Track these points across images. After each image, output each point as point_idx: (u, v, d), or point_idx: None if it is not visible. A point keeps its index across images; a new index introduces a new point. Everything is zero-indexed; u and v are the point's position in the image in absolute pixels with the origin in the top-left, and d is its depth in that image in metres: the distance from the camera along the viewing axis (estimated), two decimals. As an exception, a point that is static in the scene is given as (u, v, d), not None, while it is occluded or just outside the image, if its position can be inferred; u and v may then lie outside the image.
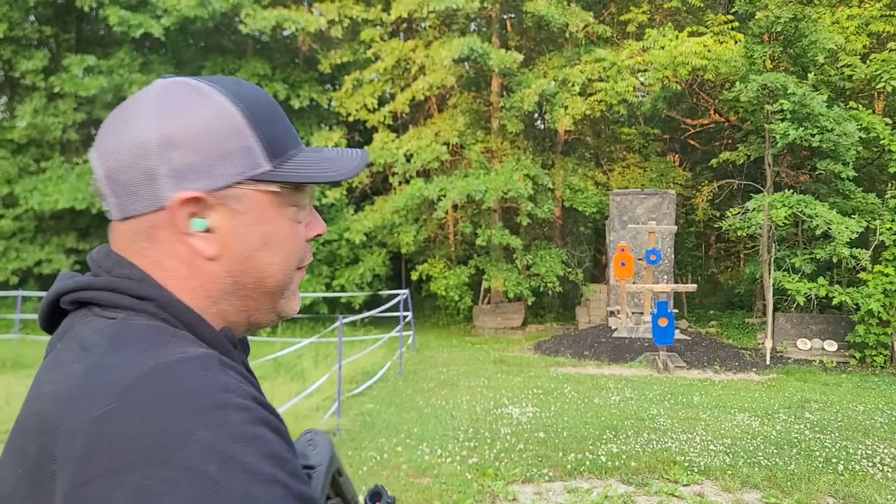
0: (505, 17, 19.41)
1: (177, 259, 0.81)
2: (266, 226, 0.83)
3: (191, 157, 0.79)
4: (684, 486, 5.51)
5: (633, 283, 14.16)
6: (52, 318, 0.84)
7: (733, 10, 15.04)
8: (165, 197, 0.79)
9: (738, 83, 13.84)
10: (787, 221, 12.81)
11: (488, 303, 18.57)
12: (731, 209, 13.97)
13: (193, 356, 0.71)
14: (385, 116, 18.22)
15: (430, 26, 18.76)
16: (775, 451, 6.45)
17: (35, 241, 18.11)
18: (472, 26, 19.65)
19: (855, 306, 12.26)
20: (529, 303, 17.46)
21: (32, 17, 18.67)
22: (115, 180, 0.80)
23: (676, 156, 22.77)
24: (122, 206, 0.81)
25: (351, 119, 18.73)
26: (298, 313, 18.27)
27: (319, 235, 0.92)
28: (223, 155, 0.80)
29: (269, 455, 0.66)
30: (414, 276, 18.19)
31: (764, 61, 13.98)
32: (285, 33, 20.11)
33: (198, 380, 0.68)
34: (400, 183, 17.68)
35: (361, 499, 1.01)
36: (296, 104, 19.21)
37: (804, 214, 12.45)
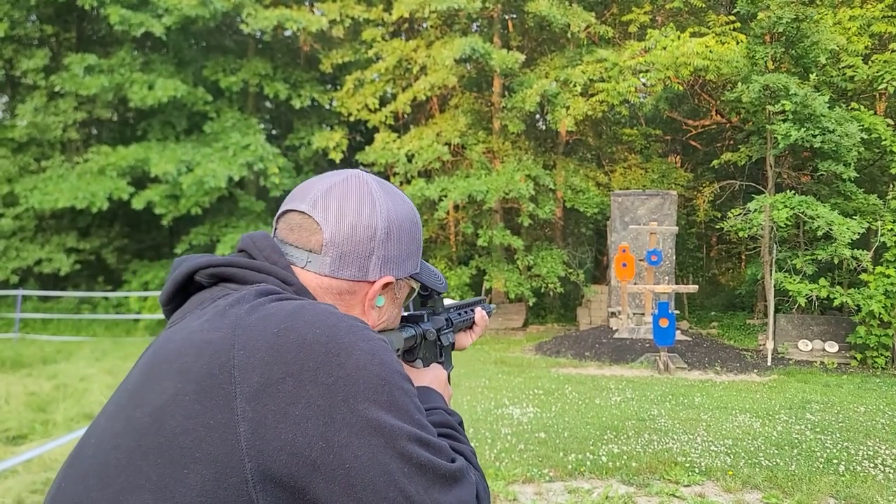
0: (507, 17, 19.40)
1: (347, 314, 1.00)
2: (398, 309, 1.13)
3: (397, 250, 1.04)
4: (685, 486, 5.49)
5: (635, 283, 14.14)
6: (178, 293, 0.98)
7: (735, 10, 15.02)
8: (372, 275, 1.02)
9: (739, 84, 13.82)
10: (788, 222, 12.78)
11: (489, 304, 18.52)
12: (732, 210, 13.95)
13: (327, 303, 0.95)
14: (386, 116, 18.21)
15: (431, 26, 18.75)
16: (776, 451, 6.42)
17: (35, 241, 18.11)
18: (474, 26, 19.64)
19: (856, 307, 12.24)
20: (531, 303, 17.43)
21: (33, 17, 18.67)
22: (339, 247, 1.00)
23: (678, 157, 22.75)
24: (336, 267, 1.00)
25: (352, 119, 18.73)
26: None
27: None
28: (410, 255, 1.07)
29: (400, 363, 0.88)
30: (415, 277, 18.16)
31: (766, 62, 13.96)
32: (287, 33, 20.14)
33: (340, 312, 0.89)
34: (401, 183, 17.66)
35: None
36: (297, 104, 19.21)
37: (805, 215, 12.43)
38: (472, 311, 1.48)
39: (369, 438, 0.79)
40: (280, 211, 1.05)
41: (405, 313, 1.25)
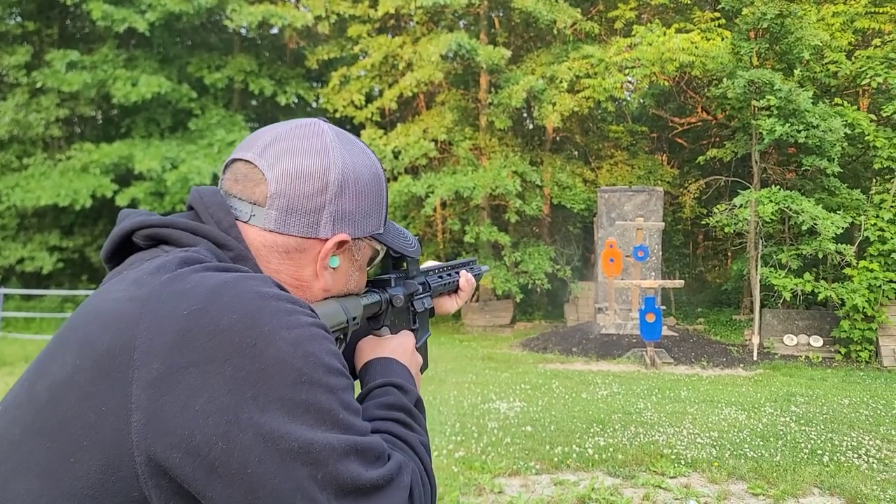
0: (493, 13, 19.38)
1: (294, 277, 0.95)
2: (360, 273, 1.04)
3: (353, 206, 0.95)
4: (671, 478, 5.49)
5: (621, 279, 14.16)
6: (117, 252, 0.90)
7: (720, 6, 15.07)
8: (324, 232, 0.93)
9: (725, 80, 13.88)
10: (773, 217, 12.85)
11: (476, 300, 18.54)
12: (718, 206, 14.01)
13: (261, 275, 0.82)
14: (373, 113, 18.15)
15: (417, 22, 18.71)
16: (761, 443, 6.44)
17: (17, 239, 17.92)
18: (461, 23, 19.61)
19: (840, 302, 12.32)
20: (518, 300, 17.43)
21: (15, 13, 18.47)
22: (285, 200, 0.91)
23: (664, 154, 22.81)
24: (282, 222, 0.91)
25: (338, 116, 18.64)
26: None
27: None
28: (370, 212, 0.98)
29: (333, 353, 0.79)
30: (402, 274, 18.12)
31: (750, 58, 14.02)
32: (272, 29, 20.02)
33: (271, 289, 0.79)
34: (388, 180, 17.58)
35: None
36: (283, 101, 19.11)
37: (791, 210, 12.49)
38: (457, 273, 1.40)
39: (277, 442, 0.71)
40: (226, 160, 0.97)
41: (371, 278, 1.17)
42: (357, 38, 18.51)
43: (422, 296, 1.23)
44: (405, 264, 1.21)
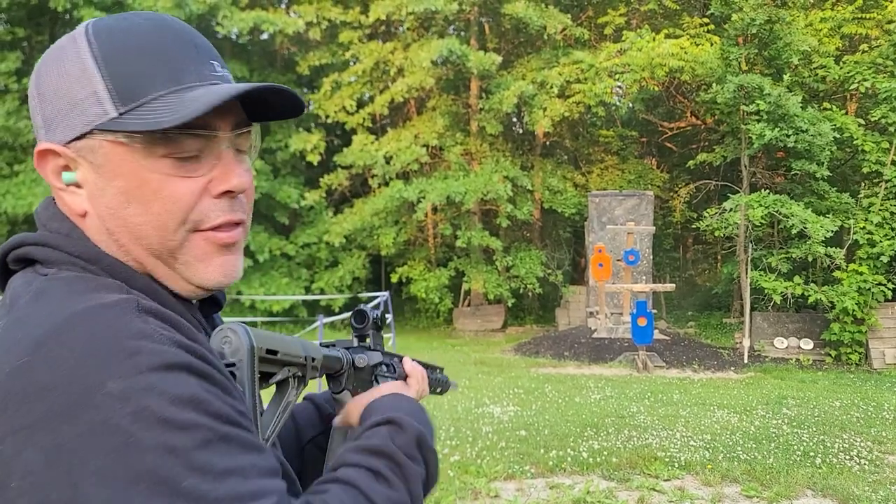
0: (483, 19, 19.45)
1: (67, 212, 0.77)
2: (124, 180, 0.73)
3: (50, 107, 0.74)
4: (665, 480, 5.53)
5: (612, 283, 14.22)
6: (4, 279, 0.78)
7: (709, 12, 15.21)
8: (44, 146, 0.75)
9: (714, 85, 13.99)
10: (763, 221, 12.95)
11: (468, 305, 18.56)
12: (708, 210, 14.10)
13: (110, 302, 0.66)
14: (364, 118, 18.17)
15: (408, 28, 18.76)
16: (754, 445, 6.49)
17: (8, 246, 17.81)
18: (451, 29, 19.67)
19: (830, 305, 12.41)
20: (509, 305, 17.48)
21: (5, 19, 18.39)
22: (36, 126, 0.78)
23: (654, 159, 22.95)
24: (42, 136, 0.77)
25: (330, 121, 18.66)
26: (277, 316, 17.93)
27: (232, 192, 0.78)
28: (73, 103, 0.73)
29: (187, 399, 0.62)
30: (394, 279, 18.15)
31: (739, 63, 14.14)
32: (263, 35, 20.01)
33: (110, 327, 0.63)
34: (379, 185, 17.64)
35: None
36: (274, 106, 19.07)
37: (780, 214, 12.60)
38: (432, 369, 1.27)
39: None
40: None
41: (327, 341, 1.02)
42: (348, 44, 18.54)
43: (386, 374, 1.09)
44: (368, 338, 1.09)
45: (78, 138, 0.73)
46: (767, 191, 13.39)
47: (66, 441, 0.58)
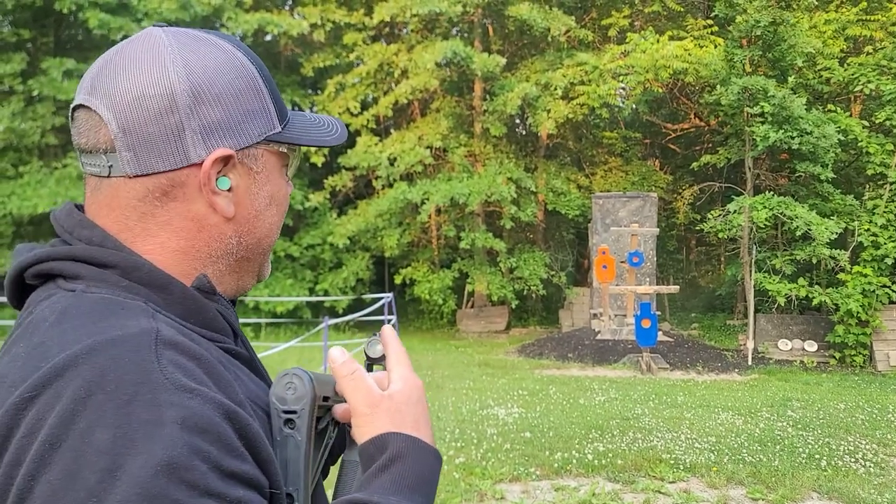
0: (487, 21, 19.47)
1: (188, 218, 0.77)
2: (272, 185, 0.84)
3: (220, 113, 0.76)
4: (670, 483, 5.54)
5: (616, 285, 14.23)
6: (21, 294, 0.77)
7: (713, 14, 15.20)
8: (195, 155, 0.75)
9: (718, 87, 13.98)
10: (767, 223, 12.94)
11: (472, 307, 18.57)
12: (711, 212, 14.11)
13: (130, 334, 0.65)
14: (368, 120, 18.18)
15: (412, 30, 18.79)
16: (759, 448, 6.50)
17: (13, 247, 17.86)
18: (455, 30, 19.69)
19: (834, 307, 12.40)
20: (513, 306, 17.48)
21: (10, 21, 18.46)
22: (134, 133, 0.73)
23: (657, 160, 22.93)
24: (142, 161, 0.74)
25: (334, 123, 18.64)
26: (281, 317, 17.92)
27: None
28: (248, 113, 0.79)
29: (165, 466, 0.58)
30: (398, 280, 18.15)
31: (744, 65, 14.14)
32: (267, 37, 20.05)
33: (121, 367, 0.62)
34: (383, 187, 17.66)
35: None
36: (278, 108, 19.11)
37: (784, 216, 12.59)
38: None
39: None
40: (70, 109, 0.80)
41: None
42: (352, 46, 18.57)
43: None
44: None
45: (248, 147, 0.80)
46: (771, 193, 13.38)
47: (48, 485, 0.58)
